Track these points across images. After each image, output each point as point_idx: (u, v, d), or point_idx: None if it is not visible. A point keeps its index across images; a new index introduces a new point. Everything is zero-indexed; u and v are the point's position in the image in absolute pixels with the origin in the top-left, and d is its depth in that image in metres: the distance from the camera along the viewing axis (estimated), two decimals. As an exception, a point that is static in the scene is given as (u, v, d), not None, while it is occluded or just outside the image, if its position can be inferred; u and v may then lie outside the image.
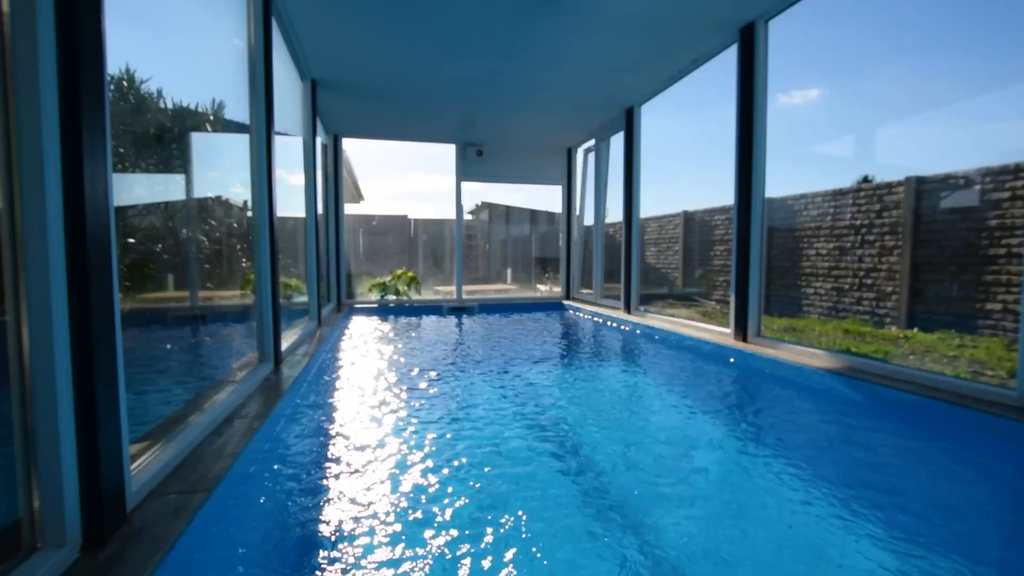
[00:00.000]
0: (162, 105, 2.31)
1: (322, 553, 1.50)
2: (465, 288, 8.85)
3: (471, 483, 1.96)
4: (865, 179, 5.87)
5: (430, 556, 1.48)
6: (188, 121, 2.56)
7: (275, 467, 2.11)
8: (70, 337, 1.22)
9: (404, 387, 3.43)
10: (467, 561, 1.45)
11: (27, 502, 1.17)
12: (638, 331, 5.87)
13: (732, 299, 4.51)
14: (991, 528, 1.70)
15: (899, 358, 4.71)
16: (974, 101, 4.32)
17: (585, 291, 9.07)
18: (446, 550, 1.50)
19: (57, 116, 1.20)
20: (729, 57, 4.51)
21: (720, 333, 4.75)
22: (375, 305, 8.21)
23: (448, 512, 1.73)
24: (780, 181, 7.10)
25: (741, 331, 4.41)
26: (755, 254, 4.35)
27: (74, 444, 1.24)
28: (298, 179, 5.29)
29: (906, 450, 2.38)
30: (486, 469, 2.09)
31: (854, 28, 5.43)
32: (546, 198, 11.42)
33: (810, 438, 2.54)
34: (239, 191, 3.19)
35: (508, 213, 12.82)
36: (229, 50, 3.03)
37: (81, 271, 1.23)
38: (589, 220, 8.77)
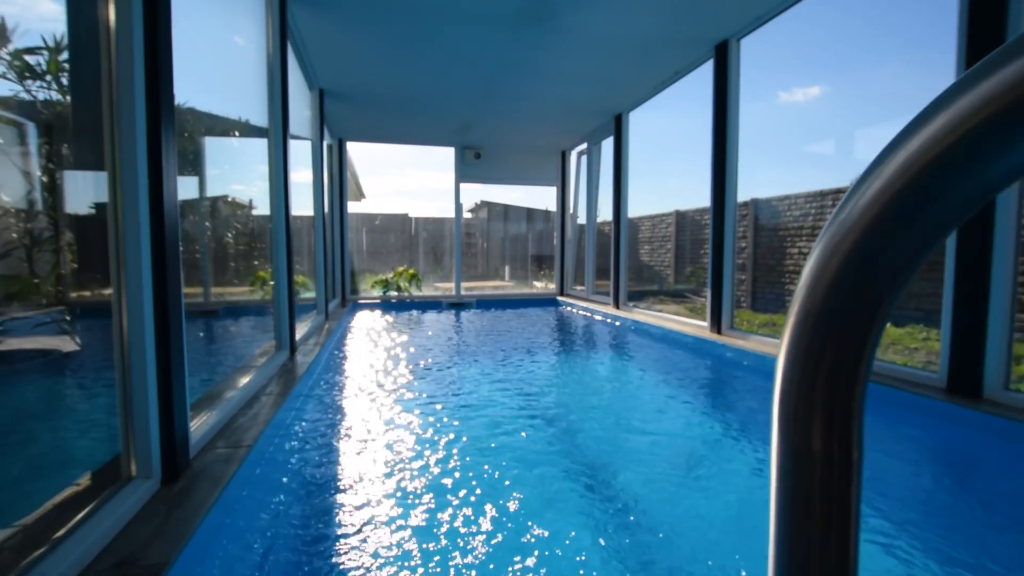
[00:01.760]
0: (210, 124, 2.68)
1: (338, 490, 1.88)
2: (464, 285, 9.24)
3: (461, 443, 2.34)
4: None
5: (423, 493, 1.86)
6: (226, 131, 2.94)
7: (298, 431, 2.50)
8: (155, 319, 1.60)
9: (404, 372, 3.81)
10: (455, 494, 1.84)
11: (125, 442, 1.55)
12: (624, 325, 6.25)
13: (708, 296, 4.88)
14: (910, 482, 2.08)
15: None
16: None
17: (578, 287, 9.45)
18: (435, 489, 1.89)
19: (145, 127, 1.57)
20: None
21: (698, 326, 5.13)
22: (378, 301, 8.60)
23: (440, 462, 2.11)
24: (776, 181, 7.46)
25: (716, 324, 4.79)
26: (728, 255, 4.72)
27: (157, 403, 1.62)
28: (306, 182, 5.66)
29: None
30: (468, 442, 2.48)
31: (835, 31, 5.79)
32: (543, 196, 11.77)
33: (761, 412, 2.92)
34: (263, 199, 3.57)
35: (506, 211, 13.18)
36: (251, 66, 3.40)
37: (161, 263, 1.61)
38: (582, 219, 9.13)
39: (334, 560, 1.49)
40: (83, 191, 1.73)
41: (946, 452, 2.45)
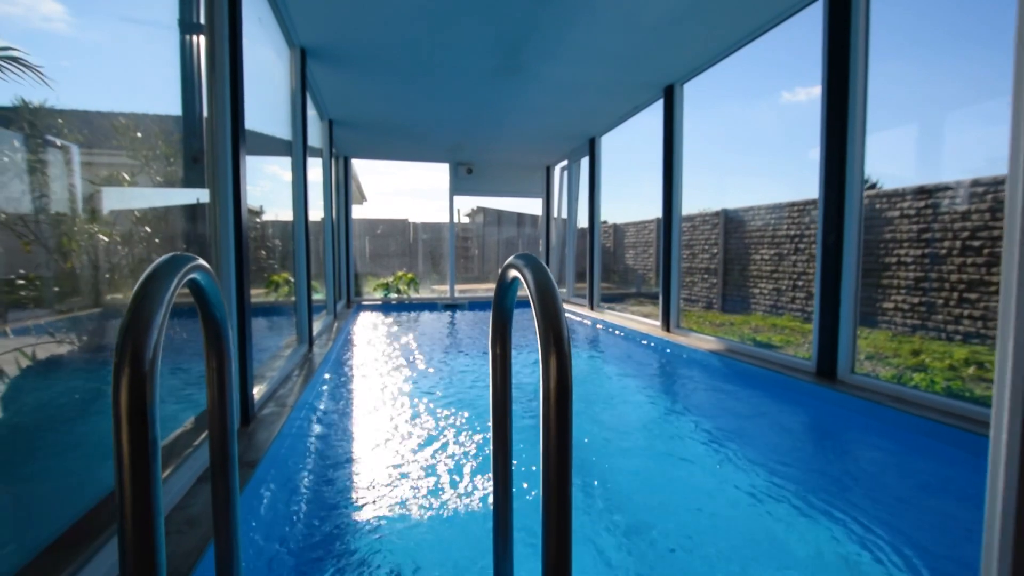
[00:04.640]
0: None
1: (350, 436, 2.76)
2: (459, 287, 10.11)
3: (440, 406, 3.21)
4: (871, 185, 7.00)
5: (421, 452, 2.73)
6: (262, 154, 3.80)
7: (321, 401, 3.38)
8: (236, 307, 2.47)
9: (403, 361, 4.68)
10: (445, 453, 2.70)
11: (219, 397, 2.42)
12: (596, 324, 7.12)
13: (660, 299, 5.75)
14: (778, 440, 2.94)
15: (794, 346, 5.95)
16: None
17: (561, 290, 10.32)
18: (430, 449, 2.76)
19: (231, 143, 2.42)
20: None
21: (653, 325, 5.99)
22: (379, 302, 9.47)
23: (432, 426, 2.98)
24: (741, 191, 8.30)
25: (666, 323, 5.65)
26: (675, 264, 5.58)
27: (238, 370, 2.48)
28: (317, 197, 6.53)
29: (741, 398, 3.62)
30: (464, 414, 3.35)
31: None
32: (535, 201, 12.61)
33: (684, 390, 3.78)
34: (271, 208, 4.44)
35: (500, 217, 14.05)
36: (280, 106, 4.26)
37: (240, 263, 2.47)
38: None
39: (346, 468, 2.36)
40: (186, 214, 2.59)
41: (814, 417, 3.32)
